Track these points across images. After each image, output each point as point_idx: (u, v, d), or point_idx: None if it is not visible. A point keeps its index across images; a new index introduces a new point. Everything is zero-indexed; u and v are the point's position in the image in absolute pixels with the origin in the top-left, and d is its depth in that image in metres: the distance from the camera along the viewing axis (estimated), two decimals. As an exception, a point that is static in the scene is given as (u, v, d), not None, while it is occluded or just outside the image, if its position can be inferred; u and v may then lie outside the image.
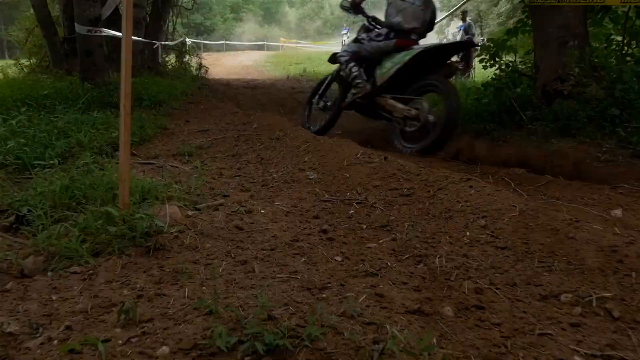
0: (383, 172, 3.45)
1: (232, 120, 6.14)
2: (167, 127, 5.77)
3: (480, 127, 6.29)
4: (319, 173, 3.65)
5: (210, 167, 4.14)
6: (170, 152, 4.73)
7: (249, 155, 4.49)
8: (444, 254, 2.29)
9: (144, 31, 11.26)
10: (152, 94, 7.09)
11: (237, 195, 3.27)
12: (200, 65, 13.80)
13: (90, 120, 4.93)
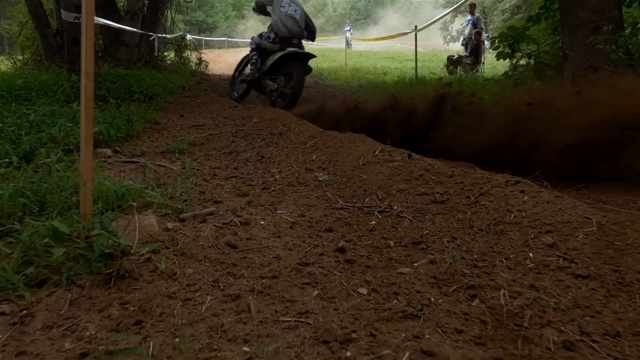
0: (407, 173, 2.83)
1: (230, 115, 5.53)
2: (158, 121, 5.16)
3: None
4: (329, 174, 3.04)
5: (203, 166, 3.54)
6: (159, 149, 4.13)
7: (248, 152, 3.88)
8: (504, 285, 1.68)
9: (140, 23, 10.64)
10: (145, 87, 6.48)
11: (232, 201, 2.66)
12: (200, 60, 13.18)
13: (69, 113, 4.32)
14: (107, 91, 5.92)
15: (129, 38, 10.29)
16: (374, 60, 21.08)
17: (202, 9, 47.01)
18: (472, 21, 15.63)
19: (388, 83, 11.55)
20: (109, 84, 6.09)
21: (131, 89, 6.28)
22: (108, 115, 4.80)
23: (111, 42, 10.74)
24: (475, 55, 13.62)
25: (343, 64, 18.57)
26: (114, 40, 10.60)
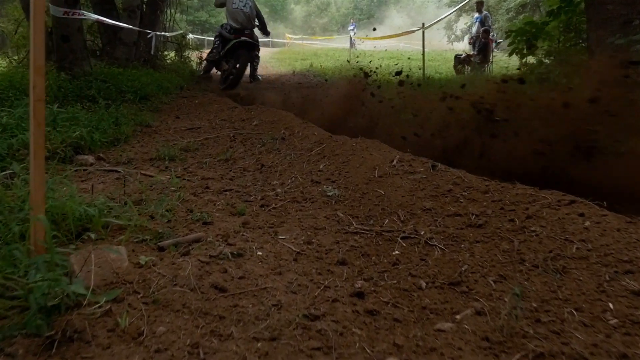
0: (433, 187, 2.37)
1: (229, 117, 5.07)
2: (150, 123, 4.71)
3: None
4: (340, 187, 2.57)
5: (194, 176, 3.08)
6: (148, 155, 3.68)
7: (246, 160, 3.43)
8: (585, 353, 1.23)
9: (138, 21, 10.19)
10: (138, 86, 6.03)
11: (225, 223, 2.20)
12: (201, 59, 12.72)
13: (49, 116, 3.87)
14: (97, 91, 5.47)
15: (127, 36, 9.85)
16: (379, 59, 20.61)
17: (205, 9, 46.49)
18: (479, 19, 15.13)
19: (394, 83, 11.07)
20: (99, 83, 5.65)
21: (123, 88, 5.83)
22: (94, 117, 4.36)
23: (109, 40, 10.31)
24: (483, 54, 13.14)
25: (347, 63, 18.11)
26: (111, 39, 10.17)
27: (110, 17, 10.18)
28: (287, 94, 7.59)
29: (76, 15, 5.89)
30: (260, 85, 9.94)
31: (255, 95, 7.63)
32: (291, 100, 6.68)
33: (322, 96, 6.70)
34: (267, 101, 6.64)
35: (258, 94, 7.85)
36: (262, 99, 6.85)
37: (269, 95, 7.66)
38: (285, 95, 7.52)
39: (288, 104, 6.48)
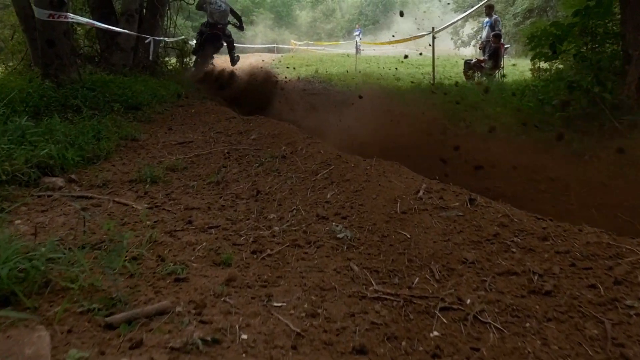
0: (473, 230, 1.83)
1: (225, 129, 4.53)
2: (137, 137, 4.17)
3: (550, 136, 4.66)
4: (353, 226, 2.02)
5: (177, 205, 2.55)
6: (128, 176, 3.15)
7: (240, 183, 2.89)
8: None
9: (136, 25, 9.71)
10: (129, 95, 5.51)
11: (203, 279, 1.67)
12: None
13: (17, 129, 3.35)
14: (83, 100, 4.95)
15: (124, 41, 9.36)
16: (385, 65, 20.06)
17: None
18: (489, 23, 14.58)
19: (403, 90, 10.53)
20: (85, 91, 5.13)
21: (112, 97, 5.31)
22: (73, 131, 3.83)
23: (107, 45, 9.82)
24: (494, 59, 12.58)
25: (353, 69, 17.58)
26: (109, 44, 9.70)
27: (109, 21, 9.71)
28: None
29: (62, 18, 5.39)
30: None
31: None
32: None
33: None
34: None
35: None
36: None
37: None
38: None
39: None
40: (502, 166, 4.42)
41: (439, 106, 6.89)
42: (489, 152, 4.83)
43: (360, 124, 6.91)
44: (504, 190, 3.56)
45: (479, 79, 12.60)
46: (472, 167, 4.36)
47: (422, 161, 4.87)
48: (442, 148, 5.18)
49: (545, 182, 3.87)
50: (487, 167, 4.40)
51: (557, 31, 5.48)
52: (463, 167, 4.46)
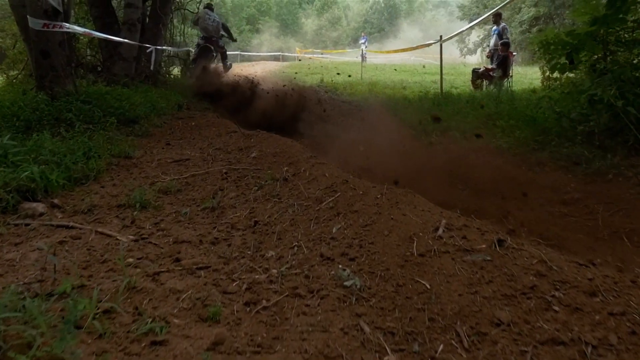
0: (505, 280, 1.54)
1: (225, 144, 4.27)
2: (131, 154, 3.92)
3: (570, 153, 4.36)
4: (363, 271, 1.74)
5: (165, 237, 2.28)
6: (117, 200, 2.89)
7: (237, 210, 2.62)
8: None
9: (138, 35, 9.50)
10: (127, 107, 5.26)
11: (184, 341, 1.39)
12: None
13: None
14: (77, 114, 4.71)
15: (126, 51, 9.15)
16: (391, 73, 19.81)
17: (216, 24, 46.12)
18: (497, 31, 14.32)
19: (410, 99, 10.25)
20: (79, 104, 4.88)
21: (109, 110, 5.06)
22: (62, 148, 3.58)
23: (109, 55, 9.63)
24: (503, 68, 12.28)
25: (359, 77, 17.33)
26: (112, 54, 9.50)
27: (111, 30, 9.52)
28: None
29: (57, 28, 5.16)
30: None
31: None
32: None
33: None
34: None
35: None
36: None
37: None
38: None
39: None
40: (519, 185, 4.14)
41: (448, 118, 6.61)
42: (502, 169, 4.54)
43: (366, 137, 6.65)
44: (524, 215, 3.27)
45: (487, 88, 12.32)
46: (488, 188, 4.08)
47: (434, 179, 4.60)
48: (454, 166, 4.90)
49: (568, 204, 3.58)
50: (502, 187, 4.12)
51: (573, 40, 5.19)
52: (476, 186, 4.18)
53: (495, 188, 4.08)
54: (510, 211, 3.35)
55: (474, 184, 4.30)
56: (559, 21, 31.15)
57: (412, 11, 61.18)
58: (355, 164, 5.32)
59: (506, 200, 3.80)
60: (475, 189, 4.11)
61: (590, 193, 3.73)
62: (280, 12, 55.43)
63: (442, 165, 5.09)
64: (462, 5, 37.45)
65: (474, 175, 4.53)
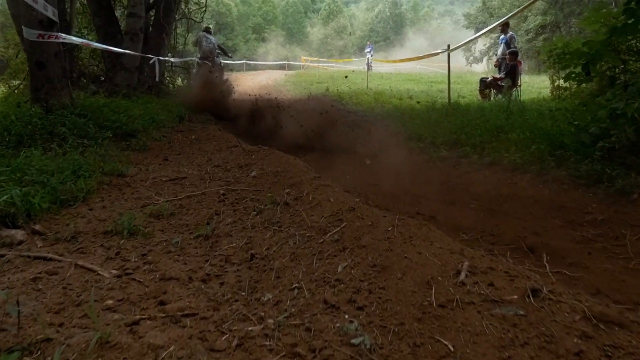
0: (544, 342, 1.28)
1: (225, 161, 4.04)
2: (124, 172, 3.69)
3: (590, 170, 4.09)
4: (373, 324, 1.49)
5: (152, 273, 2.04)
6: (104, 225, 2.65)
7: (233, 239, 2.37)
8: None
9: (141, 44, 9.34)
10: (124, 120, 5.05)
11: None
12: (211, 84, 11.82)
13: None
14: (71, 128, 4.49)
15: (128, 61, 8.99)
16: (397, 82, 19.59)
17: (222, 32, 46.27)
18: (504, 40, 14.09)
19: (417, 109, 10.00)
20: (74, 118, 4.67)
21: (105, 124, 4.85)
22: (51, 166, 3.36)
23: (112, 65, 9.47)
24: (512, 77, 12.02)
25: (364, 86, 17.10)
26: (114, 64, 9.33)
27: (114, 40, 9.37)
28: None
29: (52, 38, 4.97)
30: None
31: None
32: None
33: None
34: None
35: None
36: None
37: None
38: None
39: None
40: (536, 204, 3.87)
41: (458, 130, 6.35)
42: (518, 187, 4.28)
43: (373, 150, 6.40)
44: (545, 240, 3.01)
45: (495, 98, 12.05)
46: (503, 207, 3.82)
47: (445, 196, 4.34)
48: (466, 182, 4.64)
49: (591, 227, 3.31)
50: (519, 207, 3.86)
51: (591, 50, 4.94)
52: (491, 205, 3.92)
53: (511, 208, 3.82)
54: (529, 235, 3.09)
55: (488, 203, 4.04)
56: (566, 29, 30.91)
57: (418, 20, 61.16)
58: (361, 179, 5.08)
59: (524, 222, 3.53)
60: (489, 209, 3.85)
61: (614, 214, 3.46)
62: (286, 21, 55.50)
63: (453, 181, 4.83)
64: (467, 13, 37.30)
65: (488, 193, 4.28)
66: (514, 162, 4.77)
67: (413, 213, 3.47)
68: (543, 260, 2.66)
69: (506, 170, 4.77)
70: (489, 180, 4.61)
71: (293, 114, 7.20)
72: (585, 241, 3.10)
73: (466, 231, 3.17)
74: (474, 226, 3.27)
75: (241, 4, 51.94)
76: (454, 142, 6.05)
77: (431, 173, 5.14)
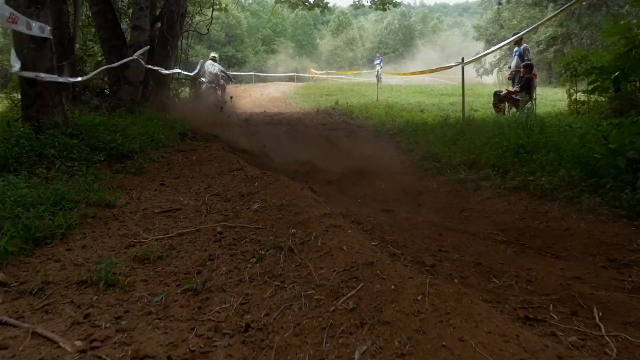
0: None
1: (225, 189, 3.64)
2: (113, 202, 3.30)
3: (631, 200, 3.65)
4: None
5: (122, 348, 1.64)
6: (79, 272, 2.26)
7: (227, 297, 1.96)
8: None
9: (146, 58, 9.02)
10: (119, 141, 4.67)
11: None
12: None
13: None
14: (60, 150, 4.13)
15: (132, 75, 8.66)
16: (407, 95, 19.19)
17: (231, 44, 46.23)
18: (518, 52, 13.64)
19: (430, 124, 9.58)
20: (65, 139, 4.31)
21: (98, 145, 4.48)
22: (29, 196, 2.99)
23: (117, 79, 9.16)
24: (527, 90, 11.56)
25: (374, 99, 16.72)
26: (119, 77, 9.02)
27: (120, 53, 9.07)
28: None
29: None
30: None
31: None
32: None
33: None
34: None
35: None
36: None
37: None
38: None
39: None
40: (573, 239, 3.44)
41: (476, 149, 5.92)
42: (550, 218, 3.84)
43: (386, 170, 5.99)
44: (591, 287, 2.57)
45: (510, 112, 11.59)
46: (536, 243, 3.39)
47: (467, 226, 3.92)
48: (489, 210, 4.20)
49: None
50: (553, 241, 3.43)
51: (625, 64, 4.52)
52: (520, 240, 3.49)
53: (544, 243, 3.38)
54: (572, 281, 2.65)
55: (517, 236, 3.61)
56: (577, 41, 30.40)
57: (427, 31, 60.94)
58: (375, 204, 4.67)
59: (561, 262, 3.10)
60: (519, 244, 3.42)
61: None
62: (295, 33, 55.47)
63: (474, 208, 4.40)
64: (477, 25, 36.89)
65: (515, 224, 3.84)
66: (542, 187, 4.34)
67: (435, 250, 3.05)
68: (594, 317, 2.22)
69: (533, 197, 4.34)
70: (515, 208, 4.18)
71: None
72: (637, 289, 2.66)
73: (497, 274, 2.73)
74: (504, 268, 2.84)
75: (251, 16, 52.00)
76: (473, 162, 5.62)
77: (450, 198, 4.72)
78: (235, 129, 8.33)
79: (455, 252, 3.10)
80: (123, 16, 10.59)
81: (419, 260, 2.72)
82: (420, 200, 4.77)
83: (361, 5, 19.82)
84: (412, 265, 2.61)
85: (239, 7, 47.22)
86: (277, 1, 20.37)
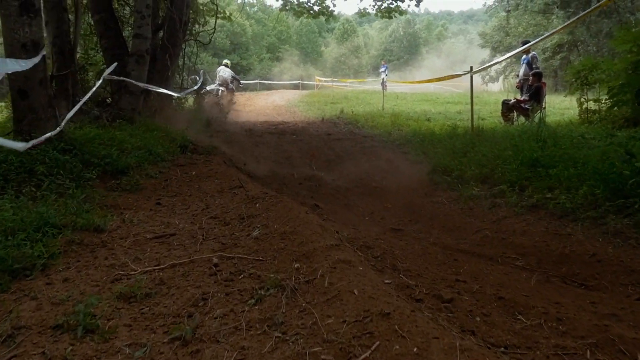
0: None
1: (224, 211, 3.37)
2: (102, 226, 3.04)
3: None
4: None
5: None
6: (55, 313, 2.00)
7: (219, 350, 1.69)
8: None
9: (147, 66, 8.81)
10: (114, 155, 4.43)
11: None
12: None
13: None
14: (51, 166, 3.89)
15: (133, 84, 8.45)
16: (413, 103, 18.92)
17: (236, 52, 46.18)
18: (526, 60, 13.37)
19: (438, 134, 9.30)
20: (57, 154, 4.06)
21: (91, 160, 4.23)
22: (9, 221, 2.74)
23: (118, 88, 8.95)
24: (536, 99, 11.26)
25: (380, 107, 16.45)
26: (120, 86, 8.81)
27: (122, 62, 8.86)
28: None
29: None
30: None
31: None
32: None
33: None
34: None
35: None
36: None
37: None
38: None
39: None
40: (600, 266, 3.15)
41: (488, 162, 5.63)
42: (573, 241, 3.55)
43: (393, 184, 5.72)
44: (631, 328, 2.29)
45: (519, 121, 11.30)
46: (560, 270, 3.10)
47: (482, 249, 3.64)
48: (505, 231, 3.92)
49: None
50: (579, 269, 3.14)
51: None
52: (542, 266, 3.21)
53: (571, 271, 3.09)
54: (608, 319, 2.36)
55: (539, 262, 3.32)
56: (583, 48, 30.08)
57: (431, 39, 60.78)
58: (383, 222, 4.40)
59: (591, 292, 2.82)
60: (543, 271, 3.13)
61: None
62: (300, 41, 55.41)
63: (489, 228, 4.11)
64: (482, 32, 36.64)
65: (536, 247, 3.56)
66: (562, 206, 4.05)
67: (452, 280, 2.78)
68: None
69: (552, 217, 4.05)
70: (534, 229, 3.89)
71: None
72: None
73: (522, 311, 2.44)
74: (529, 302, 2.54)
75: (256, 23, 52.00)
76: (485, 177, 5.34)
77: (463, 217, 4.43)
78: (240, 137, 8.08)
79: (473, 281, 2.82)
80: (125, 24, 10.39)
81: (436, 294, 2.44)
82: (432, 218, 4.49)
83: (367, 13, 19.59)
84: (429, 300, 2.34)
85: (244, 14, 47.19)
86: (282, 9, 20.18)
